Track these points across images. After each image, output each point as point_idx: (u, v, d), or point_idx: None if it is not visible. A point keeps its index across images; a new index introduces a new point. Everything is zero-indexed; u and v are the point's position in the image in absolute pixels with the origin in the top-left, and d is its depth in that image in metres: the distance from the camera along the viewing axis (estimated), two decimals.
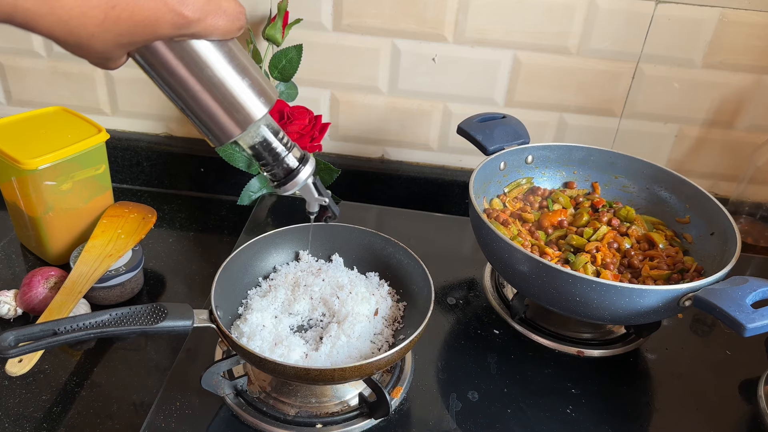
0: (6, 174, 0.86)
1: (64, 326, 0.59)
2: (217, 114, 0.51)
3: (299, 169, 0.59)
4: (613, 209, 0.90)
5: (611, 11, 0.97)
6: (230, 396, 0.68)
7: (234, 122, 0.52)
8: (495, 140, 0.88)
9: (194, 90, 0.50)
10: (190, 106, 0.51)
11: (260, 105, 0.52)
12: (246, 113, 0.52)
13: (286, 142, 0.59)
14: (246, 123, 0.52)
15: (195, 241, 1.01)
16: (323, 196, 0.65)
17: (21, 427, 0.68)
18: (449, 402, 0.71)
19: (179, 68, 0.49)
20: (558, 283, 0.70)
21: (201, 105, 0.51)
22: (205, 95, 0.50)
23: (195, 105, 0.51)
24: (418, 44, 1.02)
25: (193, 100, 0.50)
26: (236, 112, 0.51)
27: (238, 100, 0.51)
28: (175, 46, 0.48)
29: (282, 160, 0.59)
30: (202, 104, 0.51)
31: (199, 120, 0.52)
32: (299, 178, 0.59)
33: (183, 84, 0.50)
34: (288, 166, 0.59)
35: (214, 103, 0.50)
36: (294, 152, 0.59)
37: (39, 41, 1.07)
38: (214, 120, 0.51)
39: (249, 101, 0.51)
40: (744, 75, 1.01)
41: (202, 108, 0.51)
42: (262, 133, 0.57)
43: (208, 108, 0.51)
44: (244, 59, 0.52)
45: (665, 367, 0.79)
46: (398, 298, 0.77)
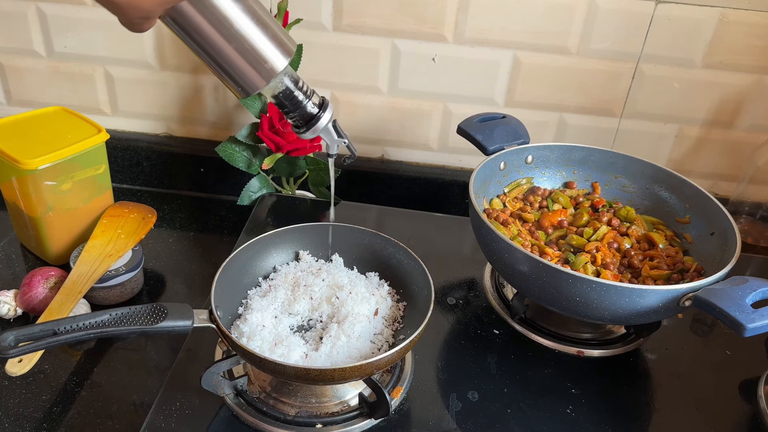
0: (6, 174, 0.86)
1: (64, 326, 0.59)
2: (243, 68, 0.55)
3: (319, 115, 0.63)
4: (613, 209, 0.90)
5: (611, 11, 0.97)
6: (230, 396, 0.68)
7: (258, 75, 0.56)
8: (495, 140, 0.88)
9: (220, 46, 0.53)
10: (217, 61, 0.55)
11: (281, 57, 0.56)
12: (270, 66, 0.55)
13: (305, 90, 0.62)
14: (270, 75, 0.56)
15: (195, 241, 1.01)
16: (343, 137, 0.67)
17: (21, 427, 0.68)
18: (449, 402, 0.71)
19: (205, 25, 0.52)
20: (558, 283, 0.70)
21: (227, 60, 0.54)
22: (231, 50, 0.54)
23: (222, 60, 0.54)
24: (418, 44, 1.02)
25: (220, 56, 0.54)
26: (260, 65, 0.55)
27: (261, 54, 0.55)
28: (202, 4, 0.51)
29: (303, 107, 0.62)
30: (229, 59, 0.54)
31: (227, 74, 0.56)
32: (320, 123, 0.63)
33: (209, 41, 0.53)
34: (309, 113, 0.62)
35: (239, 57, 0.54)
36: (314, 99, 0.63)
37: (39, 41, 1.07)
38: (240, 74, 0.55)
39: (271, 54, 0.55)
40: (744, 75, 1.01)
41: (229, 63, 0.55)
42: (284, 82, 0.60)
43: (234, 63, 0.54)
44: (262, 13, 0.55)
45: (665, 367, 0.79)
46: (398, 298, 0.77)
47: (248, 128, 1.02)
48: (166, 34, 1.05)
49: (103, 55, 1.07)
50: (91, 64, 1.09)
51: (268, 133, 0.96)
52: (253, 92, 0.57)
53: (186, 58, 1.07)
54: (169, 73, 1.08)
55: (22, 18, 1.04)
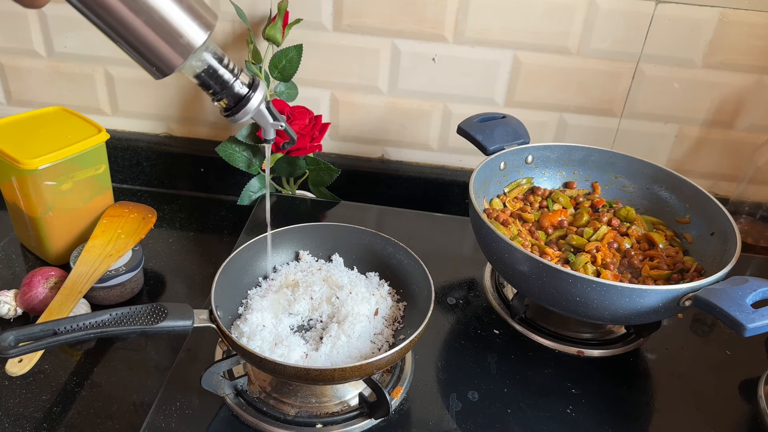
0: (6, 174, 0.86)
1: (64, 326, 0.59)
2: (155, 44, 0.49)
3: (249, 95, 0.57)
4: (613, 209, 0.90)
5: (611, 11, 0.97)
6: (230, 396, 0.68)
7: (174, 51, 0.50)
8: (495, 140, 0.88)
9: (127, 19, 0.48)
10: (126, 38, 0.49)
11: (200, 30, 0.50)
12: (186, 40, 0.49)
13: (232, 68, 0.56)
14: (187, 51, 0.50)
15: (195, 241, 1.01)
16: (278, 120, 0.61)
17: (21, 427, 0.68)
18: (449, 402, 0.71)
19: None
20: (558, 283, 0.70)
21: (137, 36, 0.48)
22: (139, 24, 0.48)
23: (131, 37, 0.49)
24: (418, 44, 1.02)
25: (128, 32, 0.48)
26: (175, 40, 0.49)
27: (175, 27, 0.49)
28: None
29: (230, 87, 0.56)
30: (138, 35, 0.48)
31: (138, 53, 0.50)
32: (251, 104, 0.57)
33: (115, 15, 0.48)
34: (237, 93, 0.56)
35: (151, 33, 0.48)
36: (242, 78, 0.56)
37: (39, 41, 1.07)
38: (153, 51, 0.49)
39: (188, 27, 0.49)
40: (744, 75, 1.01)
41: (139, 39, 0.49)
42: (206, 59, 0.54)
43: (144, 39, 0.48)
44: None
45: (665, 367, 0.79)
46: (398, 298, 0.77)
47: (248, 128, 1.02)
48: None
49: (103, 55, 1.07)
50: (91, 64, 1.09)
51: None
52: (169, 71, 0.50)
53: None
54: None
55: (22, 18, 1.04)
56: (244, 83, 0.57)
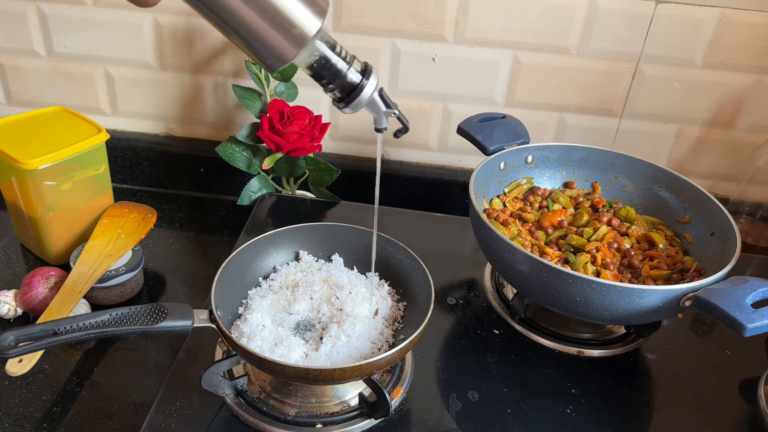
0: (6, 174, 0.86)
1: (64, 326, 0.59)
2: (268, 36, 0.46)
3: (363, 83, 0.53)
4: (613, 209, 0.90)
5: (611, 11, 0.97)
6: (230, 396, 0.68)
7: (288, 42, 0.47)
8: (495, 140, 0.88)
9: (238, 11, 0.46)
10: (237, 31, 0.47)
11: (313, 18, 0.47)
12: (299, 30, 0.46)
13: (344, 56, 0.52)
14: (301, 42, 0.47)
15: (195, 241, 1.01)
16: (392, 108, 0.57)
17: (21, 427, 0.68)
18: (449, 402, 0.71)
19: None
20: (558, 283, 0.70)
21: (248, 28, 0.46)
22: (251, 15, 0.46)
23: (242, 29, 0.46)
24: (418, 44, 1.02)
25: (240, 24, 0.46)
26: (288, 30, 0.46)
27: (288, 17, 0.46)
28: None
29: (344, 76, 0.52)
30: (250, 27, 0.46)
31: (250, 46, 0.47)
32: (364, 93, 0.53)
33: (226, 7, 0.45)
34: (351, 82, 0.52)
35: (263, 23, 0.46)
36: (355, 65, 0.53)
37: (39, 41, 1.07)
38: (265, 43, 0.47)
39: (301, 15, 0.46)
40: (744, 75, 1.01)
41: (251, 31, 0.46)
42: (319, 49, 0.50)
43: (256, 30, 0.46)
44: None
45: (665, 367, 0.79)
46: (398, 298, 0.77)
47: (248, 128, 1.02)
48: (166, 34, 1.05)
49: (103, 55, 1.07)
50: (91, 64, 1.09)
51: (268, 133, 0.96)
52: (283, 64, 0.48)
53: (186, 58, 1.07)
54: (169, 73, 1.08)
55: (22, 18, 1.04)
56: (357, 70, 0.53)
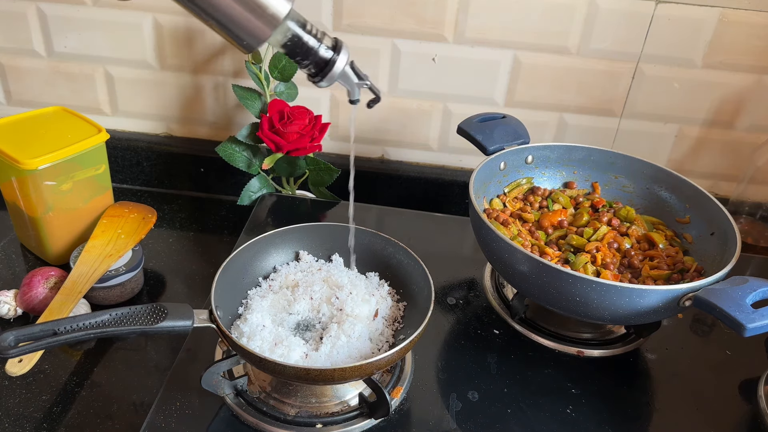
0: (6, 174, 0.86)
1: (64, 326, 0.59)
2: (243, 18, 0.51)
3: (334, 58, 0.57)
4: (613, 209, 0.90)
5: (611, 11, 0.97)
6: (230, 396, 0.68)
7: (262, 23, 0.51)
8: (495, 140, 0.88)
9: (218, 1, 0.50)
10: (214, 15, 0.51)
11: (283, 1, 0.52)
12: (272, 11, 0.51)
13: (315, 33, 0.57)
14: (274, 22, 0.52)
15: (195, 241, 1.01)
16: (364, 79, 0.61)
17: (21, 427, 0.68)
18: (449, 402, 0.71)
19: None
20: (558, 283, 0.70)
21: (224, 12, 0.51)
22: (229, 2, 0.51)
23: (219, 13, 0.51)
24: (418, 44, 1.02)
25: (216, 9, 0.51)
26: (261, 12, 0.51)
27: (261, 1, 0.51)
28: None
29: (316, 52, 0.57)
30: (226, 11, 0.51)
31: (227, 29, 0.52)
32: (336, 67, 0.58)
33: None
34: (323, 57, 0.57)
35: (237, 8, 0.51)
36: (326, 42, 0.57)
37: (39, 41, 1.07)
38: (242, 26, 0.52)
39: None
40: (744, 75, 1.01)
41: (227, 15, 0.51)
42: (291, 28, 0.55)
43: (232, 14, 0.51)
44: None
45: (665, 367, 0.79)
46: (398, 298, 0.77)
47: (248, 128, 1.02)
48: (166, 34, 1.05)
49: (103, 55, 1.07)
50: (91, 64, 1.09)
51: (268, 133, 0.96)
52: (258, 45, 0.53)
53: (186, 58, 1.07)
54: (169, 73, 1.08)
55: (22, 18, 1.04)
56: (328, 47, 0.57)
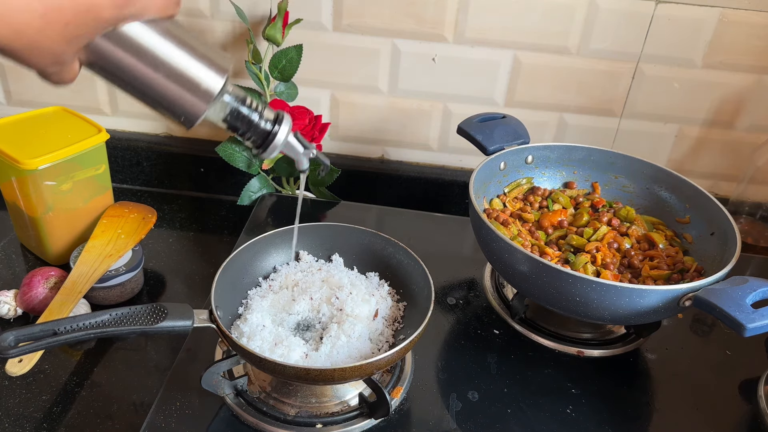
0: (6, 174, 0.86)
1: (64, 326, 0.59)
2: (178, 96, 0.51)
3: (275, 130, 0.58)
4: (613, 209, 0.90)
5: (611, 11, 0.97)
6: (230, 396, 0.68)
7: (197, 99, 0.51)
8: (495, 140, 0.88)
9: (149, 78, 0.50)
10: (151, 96, 0.51)
11: (216, 76, 0.52)
12: (205, 87, 0.51)
13: (255, 107, 0.57)
14: (208, 97, 0.52)
15: (195, 241, 1.01)
16: (309, 149, 0.62)
17: (21, 427, 0.68)
18: (449, 402, 0.71)
19: (128, 59, 0.48)
20: (558, 283, 0.70)
21: (160, 92, 0.51)
22: (161, 80, 0.50)
23: (155, 94, 0.51)
24: (418, 44, 1.02)
25: (152, 89, 0.50)
26: (195, 89, 0.51)
27: (193, 78, 0.51)
28: (118, 38, 0.48)
29: (256, 125, 0.57)
30: (162, 91, 0.51)
31: (164, 107, 0.52)
32: (278, 139, 0.58)
33: (137, 75, 0.50)
34: (263, 130, 0.58)
35: (172, 86, 0.50)
36: (266, 114, 0.58)
37: None
38: (177, 103, 0.51)
39: (204, 75, 0.51)
40: (744, 75, 1.01)
41: (163, 95, 0.51)
42: (228, 103, 0.56)
43: (167, 93, 0.51)
44: (185, 36, 0.51)
45: (665, 367, 0.79)
46: (398, 298, 0.77)
47: None
48: None
49: None
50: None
51: None
52: (196, 120, 0.53)
53: None
54: None
55: None
56: (269, 119, 0.58)
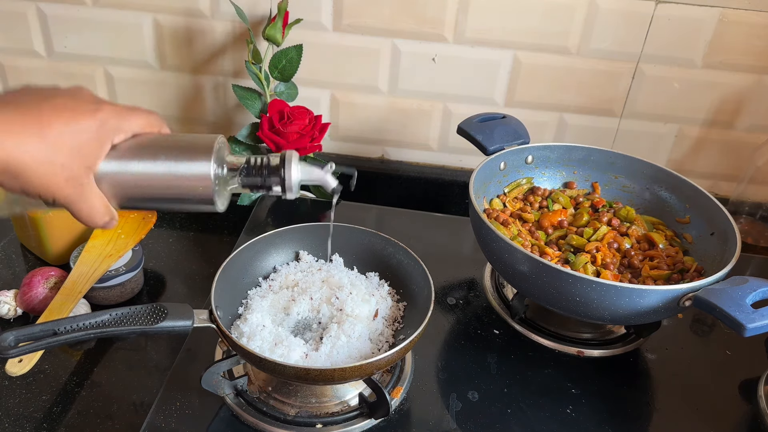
0: None
1: (64, 326, 0.59)
2: (188, 194, 0.54)
3: (284, 173, 0.58)
4: (613, 209, 0.90)
5: (611, 11, 0.97)
6: (230, 396, 0.68)
7: (202, 187, 0.54)
8: (495, 140, 0.88)
9: (161, 193, 0.54)
10: (169, 205, 0.55)
11: (202, 163, 0.54)
12: (200, 178, 0.53)
13: (258, 163, 0.58)
14: (207, 183, 0.54)
15: (195, 241, 1.01)
16: (326, 165, 0.63)
17: (21, 427, 0.68)
18: (449, 402, 0.71)
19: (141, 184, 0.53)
20: (558, 283, 0.70)
21: (173, 198, 0.54)
22: (170, 193, 0.54)
23: (170, 203, 0.55)
24: (418, 44, 1.02)
25: (169, 200, 0.55)
26: (196, 185, 0.54)
27: (186, 176, 0.53)
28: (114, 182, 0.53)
29: (267, 177, 0.58)
30: (175, 199, 0.54)
31: (189, 204, 0.55)
32: (292, 179, 0.58)
33: (150, 196, 0.54)
34: (277, 178, 0.58)
35: (174, 190, 0.54)
36: (272, 161, 0.58)
37: (39, 41, 1.07)
38: (193, 199, 0.54)
39: (194, 169, 0.53)
40: (744, 75, 1.01)
41: (175, 199, 0.54)
42: (234, 173, 0.57)
43: (177, 195, 0.54)
44: (164, 143, 0.55)
45: (665, 367, 0.79)
46: (398, 298, 0.77)
47: (248, 128, 1.02)
48: (166, 34, 1.05)
49: (103, 55, 1.07)
50: (91, 64, 1.09)
51: (268, 133, 0.96)
52: (212, 203, 0.55)
53: (186, 58, 1.07)
54: (169, 73, 1.08)
55: (22, 18, 1.04)
56: (275, 165, 0.59)
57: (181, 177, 0.54)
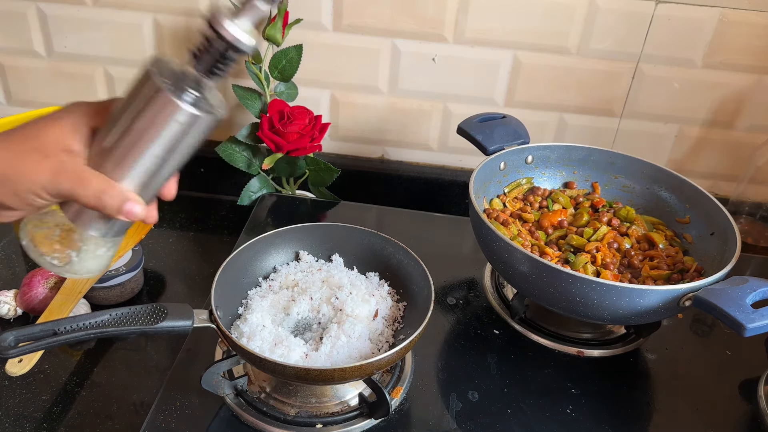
0: None
1: (64, 326, 0.59)
2: (173, 126, 0.55)
3: (224, 33, 0.53)
4: (613, 209, 0.90)
5: (611, 11, 0.97)
6: (230, 396, 0.68)
7: (179, 113, 0.54)
8: (495, 140, 0.88)
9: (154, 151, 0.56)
10: (174, 154, 0.58)
11: (156, 94, 0.54)
12: (165, 105, 0.54)
13: (198, 44, 0.55)
14: (175, 105, 0.54)
15: (195, 241, 1.01)
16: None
17: (21, 427, 0.68)
18: (449, 402, 0.71)
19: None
20: (558, 283, 0.70)
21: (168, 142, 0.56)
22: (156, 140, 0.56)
23: (173, 148, 0.58)
24: (418, 44, 1.02)
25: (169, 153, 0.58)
26: (169, 113, 0.54)
27: (154, 111, 0.54)
28: None
29: (213, 48, 0.54)
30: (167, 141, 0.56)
31: (189, 138, 0.58)
32: (234, 33, 0.53)
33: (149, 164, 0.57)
34: (223, 42, 0.54)
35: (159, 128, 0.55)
36: (207, 33, 0.54)
37: (39, 41, 1.07)
38: (184, 127, 0.56)
39: (155, 105, 0.55)
40: (744, 75, 1.01)
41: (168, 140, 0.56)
42: (192, 77, 0.56)
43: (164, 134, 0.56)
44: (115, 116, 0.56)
45: (665, 367, 0.79)
46: (398, 298, 0.77)
47: (248, 128, 1.02)
48: (166, 34, 1.05)
49: (103, 55, 1.07)
50: (91, 64, 1.09)
51: (268, 133, 0.96)
52: (201, 115, 0.55)
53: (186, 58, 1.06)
54: None
55: (22, 18, 1.04)
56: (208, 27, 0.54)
57: (153, 117, 0.54)
